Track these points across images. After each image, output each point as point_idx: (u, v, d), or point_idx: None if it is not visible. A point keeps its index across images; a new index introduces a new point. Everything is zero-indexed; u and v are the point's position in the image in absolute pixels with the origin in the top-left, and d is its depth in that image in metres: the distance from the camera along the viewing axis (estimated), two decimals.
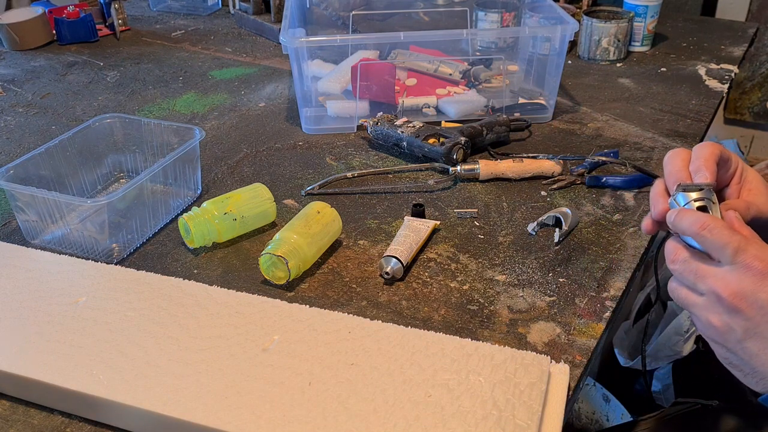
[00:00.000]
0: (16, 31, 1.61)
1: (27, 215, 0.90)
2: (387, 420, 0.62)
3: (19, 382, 0.68)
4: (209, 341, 0.71)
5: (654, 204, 0.66)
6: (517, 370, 0.67)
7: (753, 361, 0.57)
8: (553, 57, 1.24)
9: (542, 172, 1.05)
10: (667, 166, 0.66)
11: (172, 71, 1.51)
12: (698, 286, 0.59)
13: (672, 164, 0.66)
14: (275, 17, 1.64)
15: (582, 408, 1.45)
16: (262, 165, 1.12)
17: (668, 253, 0.62)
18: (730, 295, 0.56)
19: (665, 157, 0.67)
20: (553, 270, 0.86)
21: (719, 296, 0.57)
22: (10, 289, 0.79)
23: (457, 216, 0.97)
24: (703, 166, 0.64)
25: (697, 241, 0.60)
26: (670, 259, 0.62)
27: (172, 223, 0.97)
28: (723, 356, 0.60)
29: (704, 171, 0.63)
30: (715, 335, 0.59)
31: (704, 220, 0.59)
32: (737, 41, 1.61)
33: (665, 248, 0.63)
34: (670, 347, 1.40)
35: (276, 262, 0.84)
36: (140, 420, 0.65)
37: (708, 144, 0.66)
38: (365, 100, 1.24)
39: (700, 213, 0.61)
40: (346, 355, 0.69)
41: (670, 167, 0.66)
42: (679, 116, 1.26)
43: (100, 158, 1.04)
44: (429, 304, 0.81)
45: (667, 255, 0.62)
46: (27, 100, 1.38)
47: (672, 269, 0.62)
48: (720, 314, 0.58)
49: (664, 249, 0.64)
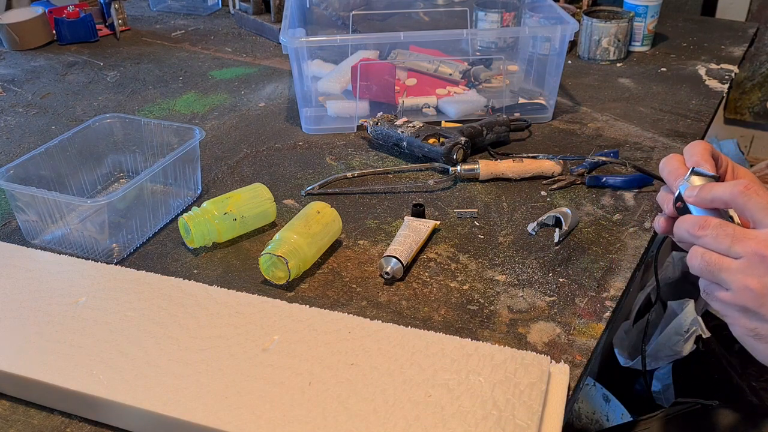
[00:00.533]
0: (16, 31, 1.61)
1: (27, 215, 0.90)
2: (387, 420, 0.62)
3: (19, 382, 0.68)
4: (209, 341, 0.71)
5: (666, 203, 0.66)
6: (517, 370, 0.67)
7: None
8: (553, 57, 1.24)
9: (542, 172, 1.05)
10: (665, 169, 0.66)
11: (172, 71, 1.51)
12: (735, 248, 0.58)
13: (669, 165, 0.66)
14: (275, 17, 1.65)
15: (582, 408, 1.45)
16: (262, 165, 1.12)
17: (692, 224, 0.61)
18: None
19: (660, 163, 0.67)
20: (553, 270, 0.86)
21: (763, 256, 0.56)
22: (10, 289, 0.79)
23: (457, 216, 0.97)
24: (702, 160, 0.64)
25: (736, 204, 0.59)
26: (698, 226, 0.60)
27: (172, 223, 0.97)
28: (749, 326, 0.59)
29: (705, 164, 0.64)
30: (749, 300, 0.58)
31: (746, 182, 0.58)
32: (737, 41, 1.61)
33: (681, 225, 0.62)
34: (670, 347, 1.40)
35: (276, 262, 0.84)
36: (140, 420, 0.65)
37: (699, 142, 0.66)
38: (365, 100, 1.24)
39: (734, 181, 0.60)
40: (346, 355, 0.69)
41: (669, 167, 0.66)
42: (679, 116, 1.26)
43: (100, 158, 1.04)
44: (429, 304, 0.81)
45: (692, 226, 0.61)
46: (27, 100, 1.38)
47: (701, 236, 0.60)
48: (761, 276, 0.56)
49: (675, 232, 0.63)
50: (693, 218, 0.62)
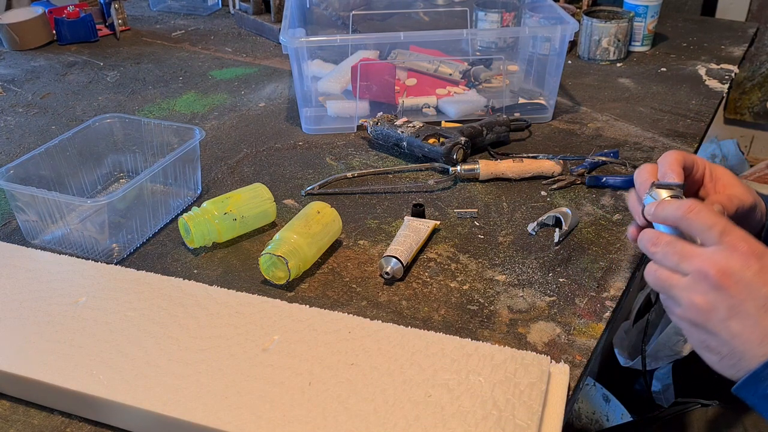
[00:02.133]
0: (16, 31, 1.61)
1: (27, 215, 0.90)
2: (387, 420, 0.62)
3: (19, 382, 0.68)
4: (209, 341, 0.71)
5: (636, 213, 0.68)
6: (517, 370, 0.67)
7: (734, 341, 0.58)
8: (553, 57, 1.24)
9: (542, 172, 1.05)
10: (636, 181, 0.68)
11: (172, 71, 1.51)
12: (682, 266, 0.60)
13: (640, 176, 0.68)
14: (275, 17, 1.65)
15: (582, 408, 1.45)
16: (262, 165, 1.12)
17: (647, 240, 0.63)
18: (717, 273, 0.57)
19: (634, 174, 0.69)
20: (553, 270, 0.86)
21: (706, 274, 0.57)
22: (10, 289, 0.79)
23: (457, 216, 0.97)
24: (669, 170, 0.66)
25: (681, 225, 0.61)
26: (651, 243, 0.63)
27: (172, 223, 0.97)
28: (699, 339, 0.61)
29: (671, 173, 0.66)
30: (696, 315, 0.59)
31: (689, 204, 0.60)
32: (737, 41, 1.61)
33: (642, 238, 0.64)
34: (670, 347, 1.40)
35: (276, 262, 0.84)
36: (140, 420, 0.65)
37: (671, 152, 0.68)
38: (365, 100, 1.24)
39: (683, 199, 0.63)
40: (346, 355, 0.69)
41: (639, 179, 0.68)
42: (679, 116, 1.26)
43: (100, 158, 1.04)
44: (429, 304, 0.81)
45: (647, 242, 0.63)
46: (27, 100, 1.38)
47: (653, 252, 0.63)
48: (705, 293, 0.58)
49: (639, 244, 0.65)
50: (649, 233, 0.64)
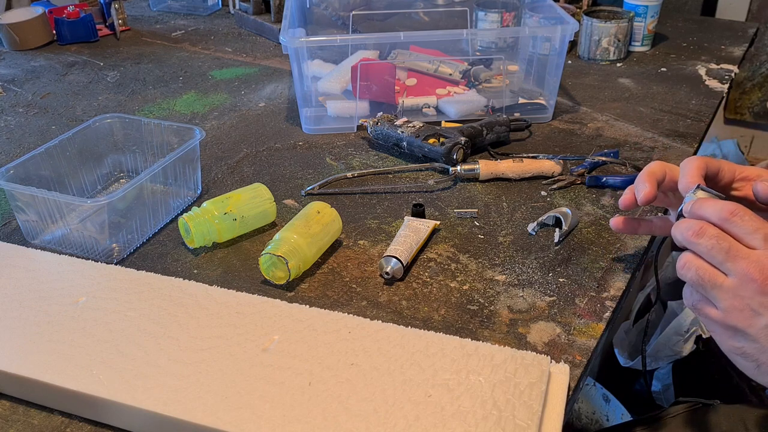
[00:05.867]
0: (16, 31, 1.61)
1: (27, 215, 0.90)
2: (387, 420, 0.62)
3: (19, 382, 0.68)
4: (209, 341, 0.71)
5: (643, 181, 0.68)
6: (517, 370, 0.67)
7: None
8: (553, 57, 1.24)
9: (542, 172, 1.05)
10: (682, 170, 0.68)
11: (172, 71, 1.51)
12: (727, 265, 0.58)
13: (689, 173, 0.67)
14: (275, 17, 1.65)
15: (582, 408, 1.45)
16: (262, 165, 1.12)
17: (687, 228, 0.61)
18: (763, 278, 0.56)
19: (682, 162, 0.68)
20: (553, 270, 0.86)
21: (752, 279, 0.56)
22: (10, 289, 0.79)
23: (457, 216, 0.97)
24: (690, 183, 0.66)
25: (725, 226, 0.59)
26: (694, 233, 0.60)
27: (172, 223, 0.97)
28: (735, 346, 0.59)
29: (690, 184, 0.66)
30: (738, 320, 0.57)
31: (734, 206, 0.59)
32: (737, 41, 1.61)
33: (681, 226, 0.62)
34: (670, 347, 1.40)
35: (276, 262, 0.84)
36: (140, 420, 0.65)
37: (693, 159, 0.67)
38: (365, 100, 1.24)
39: (727, 201, 0.61)
40: (346, 355, 0.69)
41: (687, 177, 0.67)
42: (679, 116, 1.26)
43: (100, 158, 1.04)
44: (429, 304, 0.81)
45: (687, 231, 0.61)
46: (27, 100, 1.38)
47: (696, 243, 0.60)
48: (750, 298, 0.56)
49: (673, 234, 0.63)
50: (690, 222, 0.61)
